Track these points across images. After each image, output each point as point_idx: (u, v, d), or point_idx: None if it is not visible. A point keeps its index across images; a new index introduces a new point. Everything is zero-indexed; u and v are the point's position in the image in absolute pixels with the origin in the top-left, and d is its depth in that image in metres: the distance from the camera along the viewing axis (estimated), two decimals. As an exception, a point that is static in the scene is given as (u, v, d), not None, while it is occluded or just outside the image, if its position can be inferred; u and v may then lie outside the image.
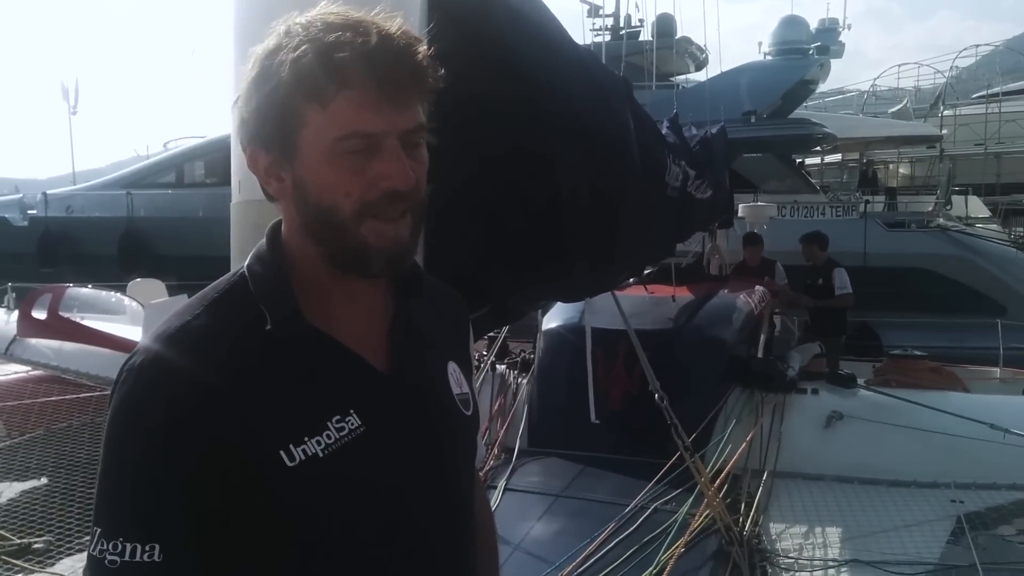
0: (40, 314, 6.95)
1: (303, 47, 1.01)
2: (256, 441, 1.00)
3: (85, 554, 1.04)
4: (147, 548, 0.96)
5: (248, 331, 1.05)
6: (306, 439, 1.03)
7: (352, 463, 1.06)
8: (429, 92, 1.09)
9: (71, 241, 19.96)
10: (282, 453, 1.01)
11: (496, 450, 4.90)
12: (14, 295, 8.18)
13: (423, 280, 1.22)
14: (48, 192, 21.63)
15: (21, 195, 22.22)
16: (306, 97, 1.02)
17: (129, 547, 0.96)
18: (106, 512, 1.01)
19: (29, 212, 21.05)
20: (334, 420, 1.06)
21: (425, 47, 1.07)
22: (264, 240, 1.16)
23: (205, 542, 0.99)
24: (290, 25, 1.05)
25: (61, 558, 4.17)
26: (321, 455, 1.03)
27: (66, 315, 7.14)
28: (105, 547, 0.97)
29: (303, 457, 1.02)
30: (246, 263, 1.14)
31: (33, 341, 6.85)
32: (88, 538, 1.02)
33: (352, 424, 1.07)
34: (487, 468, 4.67)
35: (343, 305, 1.13)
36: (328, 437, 1.04)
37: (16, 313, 7.18)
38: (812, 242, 8.64)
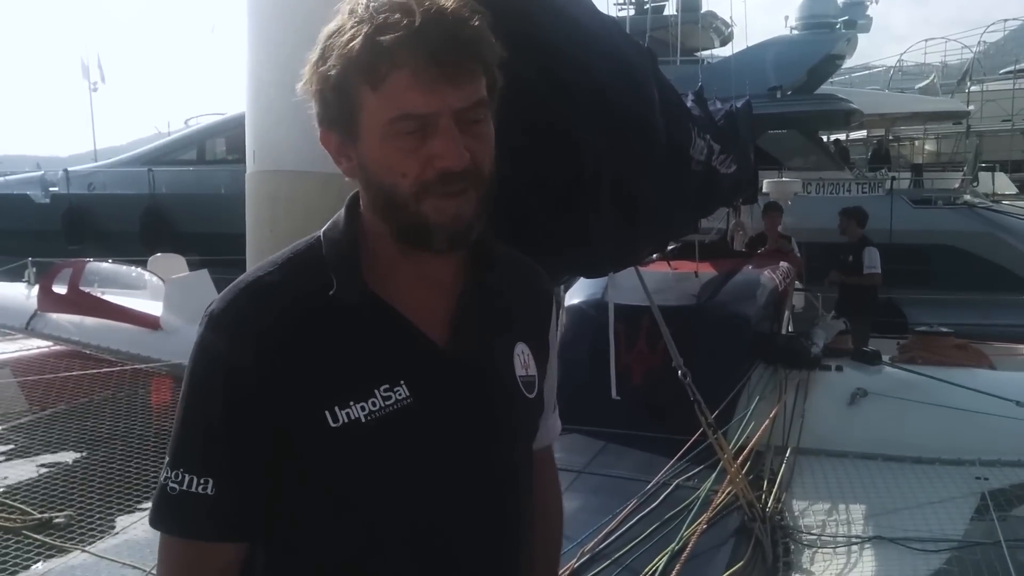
0: (60, 289, 6.99)
1: (355, 28, 1.02)
2: (305, 398, 1.05)
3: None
4: (202, 481, 1.06)
5: (313, 293, 1.09)
6: (351, 403, 1.06)
7: (395, 433, 1.08)
8: (489, 64, 1.09)
9: (93, 218, 20.08)
10: (327, 413, 1.05)
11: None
12: (35, 270, 8.22)
13: (495, 256, 1.22)
14: (69, 169, 21.72)
15: (43, 172, 22.31)
16: (360, 80, 1.04)
17: (187, 477, 1.06)
18: (173, 443, 1.10)
19: (51, 189, 21.15)
20: (382, 388, 1.08)
21: (480, 18, 1.05)
22: (343, 209, 1.18)
23: (255, 482, 1.08)
24: (354, 5, 1.05)
25: (82, 533, 4.21)
26: (363, 420, 1.06)
27: (86, 290, 7.18)
28: (169, 474, 1.08)
29: (346, 420, 1.06)
30: (323, 229, 1.17)
31: (54, 316, 6.90)
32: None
33: (400, 395, 1.09)
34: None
35: (410, 279, 1.15)
36: (373, 404, 1.07)
37: (36, 288, 7.23)
38: (851, 217, 8.62)
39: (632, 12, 21.50)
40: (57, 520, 4.33)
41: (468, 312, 1.17)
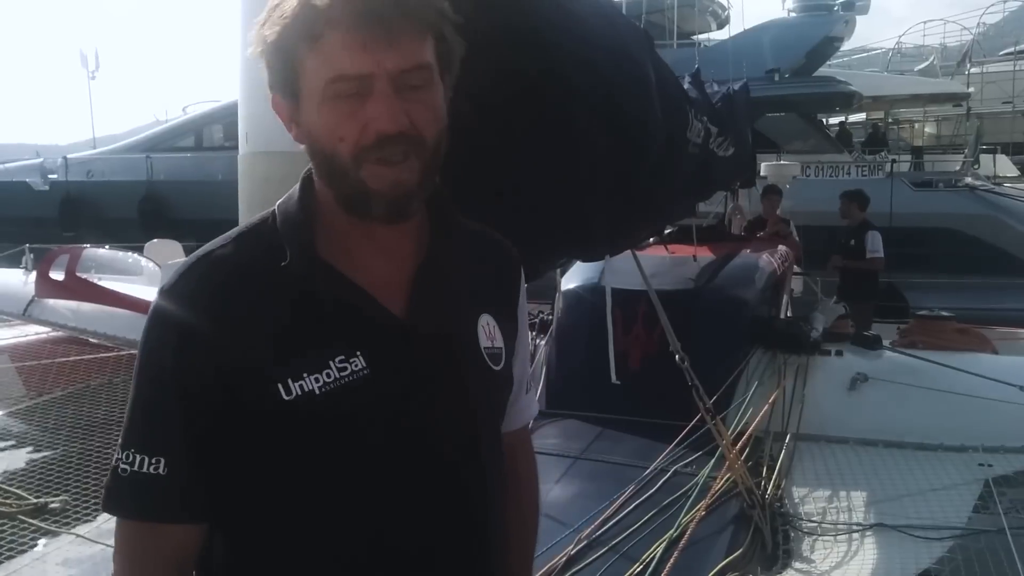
0: (58, 275, 6.97)
1: None
2: (257, 371, 1.04)
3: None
4: (153, 461, 1.04)
5: (266, 265, 1.08)
6: (305, 375, 1.04)
7: (352, 404, 1.06)
8: (437, 28, 1.06)
9: (91, 205, 20.16)
10: (280, 386, 1.03)
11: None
12: (32, 256, 8.19)
13: (454, 223, 1.20)
14: (68, 156, 21.75)
15: (42, 160, 22.31)
16: (297, 40, 1.02)
17: (139, 458, 1.05)
18: (125, 423, 1.08)
19: (50, 176, 21.17)
20: (337, 360, 1.06)
21: None
22: (299, 181, 1.16)
23: (207, 460, 1.06)
24: None
25: (78, 518, 4.19)
26: (317, 392, 1.04)
27: (83, 276, 7.15)
28: (120, 455, 1.06)
29: (299, 392, 1.03)
30: (278, 201, 1.16)
31: (51, 302, 6.87)
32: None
33: (356, 366, 1.06)
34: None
35: (364, 248, 1.12)
36: (328, 376, 1.05)
37: (34, 274, 7.20)
38: (852, 200, 8.54)
39: (632, -4, 21.36)
40: (53, 505, 4.30)
41: (428, 282, 1.14)
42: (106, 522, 4.08)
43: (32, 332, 7.61)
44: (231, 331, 1.04)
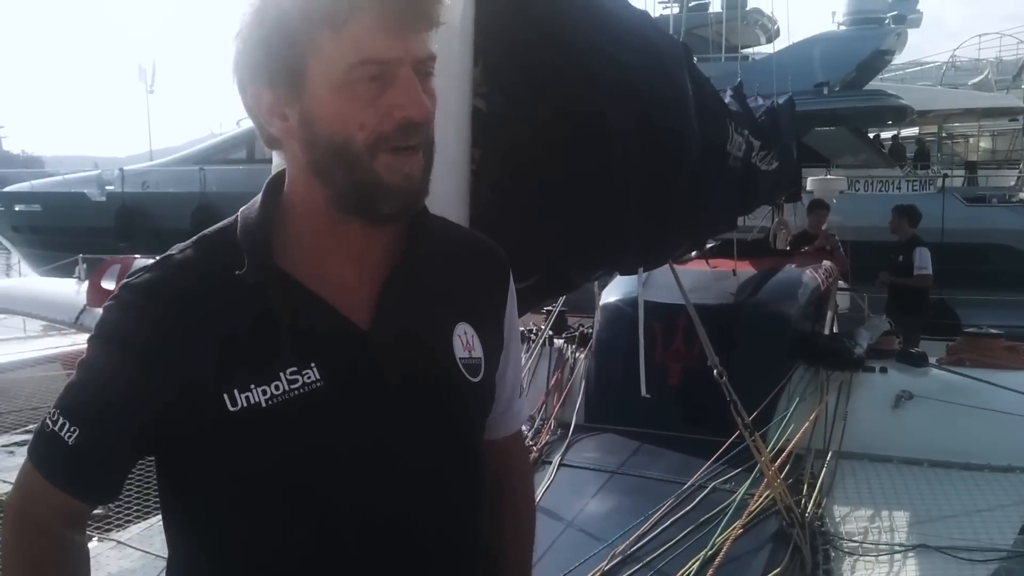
0: (109, 285, 7.11)
1: None
2: (205, 381, 1.01)
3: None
4: (70, 429, 1.03)
5: (221, 272, 1.05)
6: (252, 386, 1.01)
7: (301, 418, 1.02)
8: (439, 22, 1.04)
9: (146, 216, 20.53)
10: (225, 396, 1.00)
11: (552, 425, 4.86)
12: (85, 266, 8.41)
13: (430, 229, 1.16)
14: (125, 168, 22.23)
15: (99, 171, 22.85)
16: (317, 21, 0.98)
17: (61, 420, 1.05)
18: (68, 382, 1.09)
19: (107, 188, 21.66)
20: (288, 371, 1.02)
21: None
22: (263, 189, 1.13)
23: (122, 452, 1.06)
24: None
25: (119, 524, 4.25)
26: (264, 405, 1.01)
27: (135, 285, 7.31)
28: (52, 412, 1.06)
29: (245, 404, 1.00)
30: (242, 207, 1.14)
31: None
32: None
33: (309, 378, 1.03)
34: (543, 443, 4.63)
35: (336, 255, 1.09)
36: (276, 388, 1.01)
37: (86, 284, 7.38)
38: (903, 215, 8.43)
39: (677, 10, 21.31)
40: (95, 511, 4.38)
41: (396, 289, 1.10)
42: (147, 528, 4.17)
43: (83, 341, 7.77)
44: (180, 336, 1.01)
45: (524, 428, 1.46)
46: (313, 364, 1.03)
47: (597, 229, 2.35)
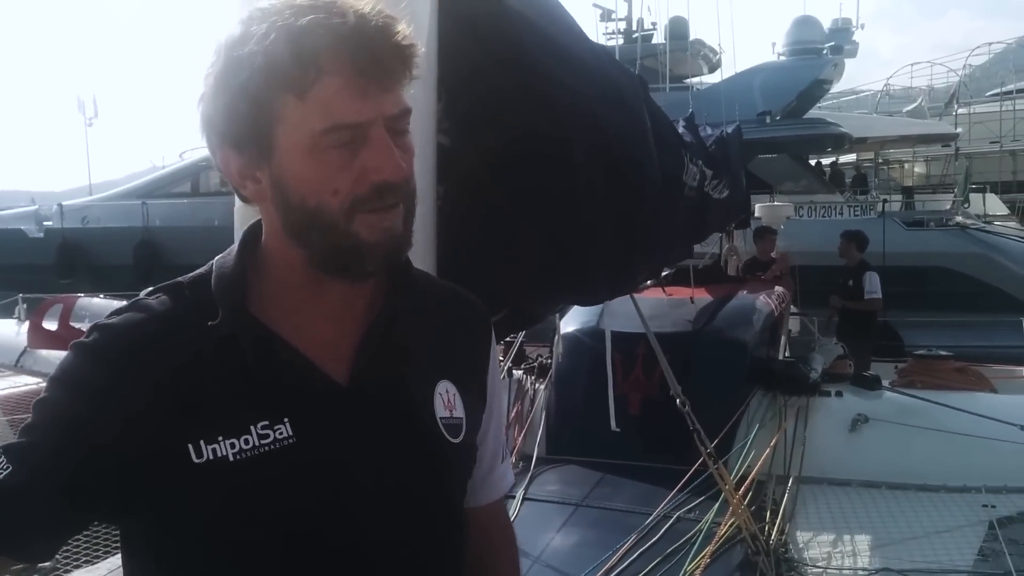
0: (51, 325, 6.94)
1: (273, 33, 0.92)
2: (167, 429, 0.95)
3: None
4: (5, 466, 0.92)
5: (193, 321, 1.00)
6: (220, 439, 0.96)
7: (270, 475, 0.97)
8: (412, 76, 1.00)
9: (87, 252, 20.11)
10: (190, 447, 0.95)
11: (513, 458, 4.81)
12: (24, 306, 8.17)
13: (411, 282, 1.12)
14: (64, 203, 21.75)
15: (37, 207, 22.32)
16: (281, 88, 0.93)
17: (3, 459, 0.93)
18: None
19: (45, 223, 21.16)
20: (259, 425, 0.97)
21: (404, 27, 0.97)
22: (241, 237, 1.08)
23: (64, 500, 0.94)
24: (252, 11, 0.95)
25: (68, 572, 4.09)
26: (231, 459, 0.96)
27: (78, 326, 7.13)
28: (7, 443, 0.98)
29: (210, 457, 0.95)
30: (218, 256, 1.09)
31: (44, 352, 6.84)
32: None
33: (281, 434, 0.98)
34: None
35: (311, 308, 1.05)
36: (246, 442, 0.96)
37: (27, 324, 7.18)
38: (852, 240, 8.64)
39: (621, 41, 21.68)
40: (42, 564, 4.21)
41: (376, 344, 1.06)
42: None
43: (23, 383, 7.54)
44: (139, 383, 0.96)
45: None
46: (286, 419, 0.98)
47: (563, 262, 2.34)
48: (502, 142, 1.92)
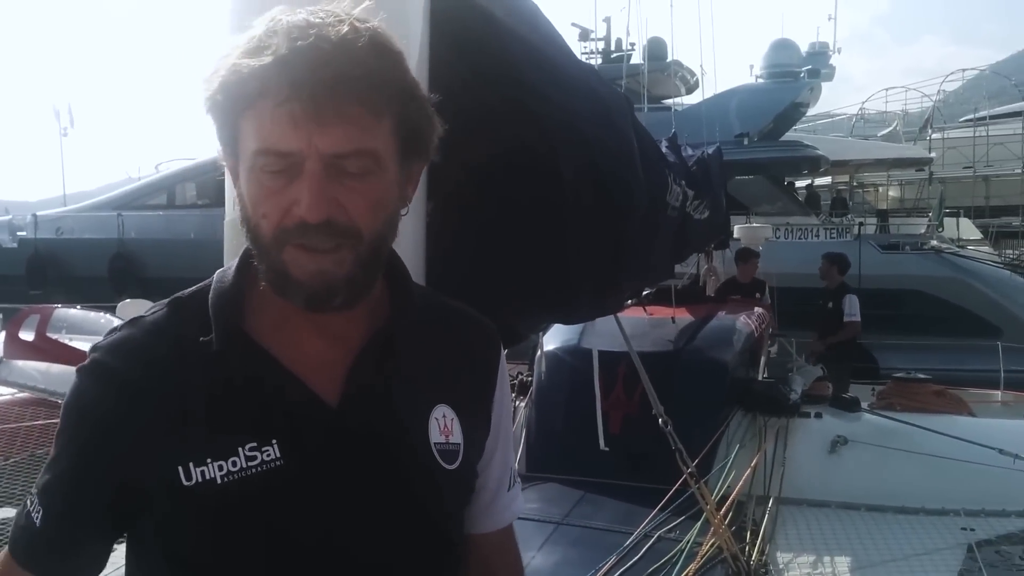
0: (27, 335, 6.86)
1: (242, 49, 0.92)
2: (162, 451, 0.97)
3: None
4: (37, 509, 1.01)
5: (188, 339, 1.01)
6: (209, 460, 0.96)
7: (257, 498, 0.96)
8: (394, 108, 0.95)
9: (60, 263, 19.89)
10: (180, 468, 0.96)
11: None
12: (0, 316, 8.06)
13: (412, 304, 1.09)
14: (38, 213, 21.51)
15: (10, 216, 22.05)
16: (232, 104, 0.94)
17: (34, 500, 1.02)
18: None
19: (18, 234, 20.91)
20: (247, 447, 0.97)
21: (383, 56, 0.93)
22: (240, 254, 1.07)
23: (85, 529, 1.01)
24: (259, 20, 0.95)
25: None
26: (219, 481, 0.96)
27: (54, 336, 7.05)
28: (31, 492, 1.04)
29: (200, 479, 0.96)
30: (218, 271, 1.09)
31: (19, 363, 6.74)
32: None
33: (268, 455, 0.97)
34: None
35: (305, 329, 1.03)
36: (233, 464, 0.96)
37: (2, 334, 7.07)
38: (833, 262, 8.71)
39: (600, 61, 21.84)
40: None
41: (370, 366, 1.03)
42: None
43: None
44: (140, 405, 0.97)
45: None
46: (274, 441, 0.98)
47: (548, 278, 2.33)
48: (489, 157, 1.91)
